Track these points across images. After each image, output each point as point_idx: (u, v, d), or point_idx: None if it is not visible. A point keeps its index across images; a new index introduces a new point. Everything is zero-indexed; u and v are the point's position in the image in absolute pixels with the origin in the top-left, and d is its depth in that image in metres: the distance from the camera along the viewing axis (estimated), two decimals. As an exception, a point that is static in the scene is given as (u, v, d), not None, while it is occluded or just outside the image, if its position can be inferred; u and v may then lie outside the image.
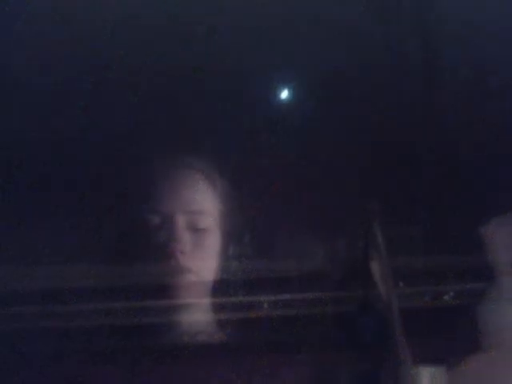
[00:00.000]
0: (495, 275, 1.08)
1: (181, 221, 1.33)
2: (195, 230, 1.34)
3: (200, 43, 1.48)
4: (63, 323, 1.27)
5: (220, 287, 1.34)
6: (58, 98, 1.44)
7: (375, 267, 1.16)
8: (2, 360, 1.22)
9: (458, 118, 1.48)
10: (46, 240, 1.36)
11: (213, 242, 1.35)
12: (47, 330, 1.26)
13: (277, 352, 1.25)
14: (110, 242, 1.36)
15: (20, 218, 1.37)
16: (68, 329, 1.26)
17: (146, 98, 1.46)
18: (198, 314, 1.34)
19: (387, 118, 1.46)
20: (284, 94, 1.54)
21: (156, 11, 1.48)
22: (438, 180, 1.45)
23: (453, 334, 1.22)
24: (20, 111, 1.43)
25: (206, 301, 1.34)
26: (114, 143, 1.42)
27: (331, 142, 1.45)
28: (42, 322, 1.27)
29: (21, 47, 1.44)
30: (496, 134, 1.44)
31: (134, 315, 1.28)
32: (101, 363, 1.24)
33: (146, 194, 1.35)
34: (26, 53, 1.44)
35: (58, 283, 1.29)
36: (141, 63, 1.47)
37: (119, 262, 1.34)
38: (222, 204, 1.37)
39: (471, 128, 1.46)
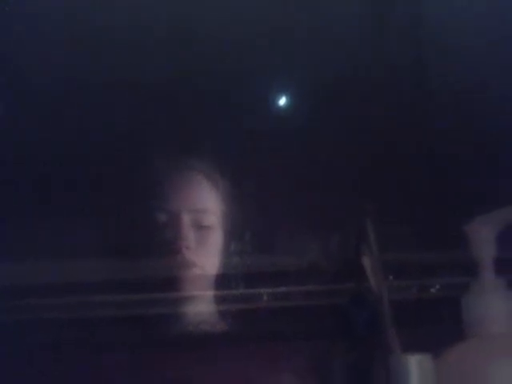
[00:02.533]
0: (478, 270, 1.07)
1: (186, 219, 1.38)
2: (199, 227, 1.39)
3: (200, 43, 1.51)
4: (74, 314, 1.30)
5: (222, 280, 1.39)
6: (58, 98, 1.47)
7: (367, 262, 1.18)
8: (13, 350, 1.25)
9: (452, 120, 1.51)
10: (58, 235, 1.40)
11: (216, 239, 1.41)
12: (57, 322, 1.29)
13: (274, 340, 1.29)
14: (120, 239, 1.41)
15: (30, 214, 1.41)
16: (81, 320, 1.30)
17: (150, 99, 1.50)
18: (201, 306, 1.39)
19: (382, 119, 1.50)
20: (283, 95, 1.57)
21: (156, 11, 1.51)
22: (425, 178, 1.49)
23: (438, 324, 1.27)
24: (20, 111, 1.46)
25: (210, 293, 1.39)
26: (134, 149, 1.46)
27: (330, 143, 1.49)
28: (51, 313, 1.30)
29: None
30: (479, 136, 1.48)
31: (142, 307, 1.31)
32: (108, 352, 1.27)
33: (155, 195, 1.40)
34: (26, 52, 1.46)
35: (70, 276, 1.33)
36: (141, 63, 1.50)
37: (129, 257, 1.37)
38: (224, 203, 1.43)
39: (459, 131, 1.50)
